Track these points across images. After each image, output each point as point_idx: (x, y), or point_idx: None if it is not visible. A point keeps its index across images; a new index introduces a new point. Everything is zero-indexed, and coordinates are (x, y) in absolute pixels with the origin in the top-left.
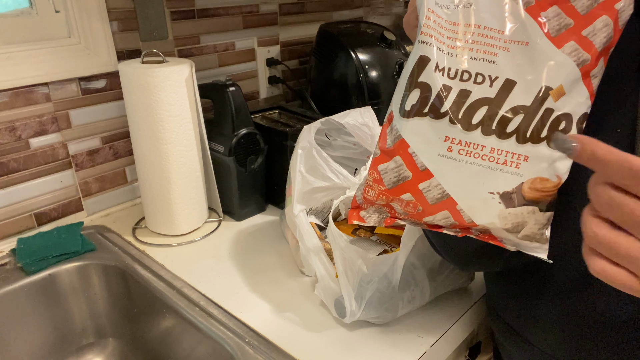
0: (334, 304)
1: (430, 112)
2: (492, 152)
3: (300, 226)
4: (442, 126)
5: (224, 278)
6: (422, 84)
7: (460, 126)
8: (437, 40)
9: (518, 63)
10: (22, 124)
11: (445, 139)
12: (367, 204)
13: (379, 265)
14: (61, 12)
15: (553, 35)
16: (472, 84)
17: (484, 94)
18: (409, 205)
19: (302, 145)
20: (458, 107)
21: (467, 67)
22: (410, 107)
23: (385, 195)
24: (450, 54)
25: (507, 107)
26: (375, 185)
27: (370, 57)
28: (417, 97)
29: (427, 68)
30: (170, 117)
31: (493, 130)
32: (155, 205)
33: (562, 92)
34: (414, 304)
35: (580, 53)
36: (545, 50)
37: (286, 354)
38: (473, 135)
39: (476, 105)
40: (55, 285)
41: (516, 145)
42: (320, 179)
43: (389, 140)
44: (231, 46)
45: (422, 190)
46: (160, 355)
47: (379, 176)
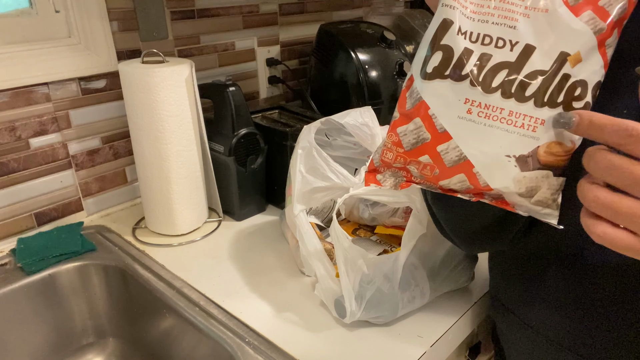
0: (334, 304)
1: (452, 74)
2: (511, 115)
3: (301, 226)
4: (462, 88)
5: (224, 278)
6: (444, 46)
7: (481, 89)
8: (460, 4)
9: (538, 29)
10: (22, 124)
11: (465, 101)
12: (384, 167)
13: (379, 265)
14: (61, 12)
15: (572, 3)
16: (493, 48)
17: (504, 58)
18: (426, 168)
19: (302, 145)
20: (479, 70)
21: (488, 32)
22: (432, 69)
23: (403, 158)
24: (472, 18)
25: (526, 71)
26: (393, 148)
27: (370, 57)
28: (439, 59)
29: (450, 31)
30: (170, 117)
31: (512, 94)
32: (155, 205)
33: (579, 59)
34: (414, 304)
35: (597, 22)
36: (564, 18)
37: (286, 354)
38: (492, 98)
39: (496, 68)
40: (55, 285)
41: (534, 109)
42: (320, 179)
43: (409, 103)
44: (231, 46)
45: (440, 152)
46: (160, 355)
47: (397, 138)
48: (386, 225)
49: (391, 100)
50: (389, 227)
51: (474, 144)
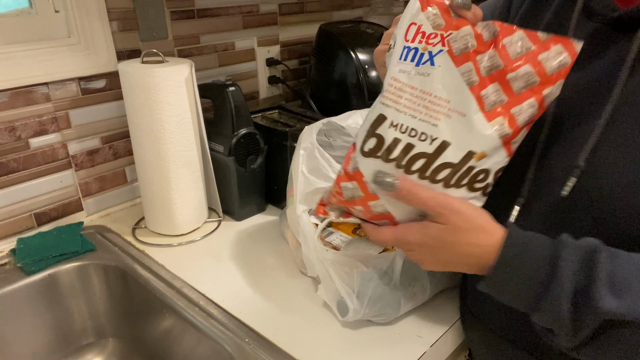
0: (337, 304)
1: (382, 156)
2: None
3: (303, 227)
4: (389, 168)
5: (223, 278)
6: (378, 135)
7: (403, 170)
8: (394, 102)
9: (455, 128)
10: (22, 124)
11: None
12: (329, 204)
13: (378, 263)
14: (61, 12)
15: (487, 109)
16: (417, 140)
17: (424, 149)
18: (360, 213)
19: (304, 146)
20: (403, 156)
21: (415, 126)
22: (368, 149)
23: (343, 204)
24: (404, 112)
25: (439, 162)
26: (337, 196)
27: (370, 57)
28: (374, 143)
29: (384, 124)
30: (170, 117)
31: (427, 177)
32: (155, 205)
33: (483, 155)
34: (415, 301)
35: (504, 128)
36: (477, 123)
37: (286, 354)
38: (411, 177)
39: (417, 157)
40: (55, 285)
41: (442, 189)
42: (322, 179)
43: (351, 165)
44: (231, 46)
45: (370, 206)
46: (160, 355)
47: (340, 190)
48: None
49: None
50: None
51: (394, 205)
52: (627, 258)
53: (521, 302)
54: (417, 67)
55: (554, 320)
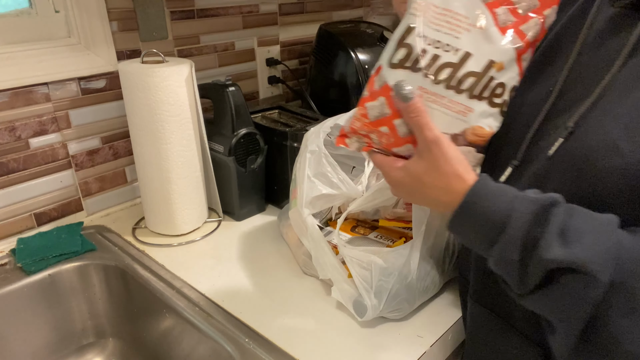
0: (353, 304)
1: (411, 66)
2: (450, 103)
3: (311, 231)
4: (417, 78)
5: (224, 278)
6: (407, 44)
7: (430, 80)
8: (422, 13)
9: (475, 41)
10: (22, 124)
11: (419, 88)
12: (352, 133)
13: (396, 259)
14: (61, 12)
15: (501, 25)
16: (442, 52)
17: (449, 60)
18: (384, 137)
19: (311, 149)
20: (430, 66)
21: (440, 38)
22: (397, 60)
23: (367, 127)
24: (429, 26)
25: (464, 70)
26: (361, 118)
27: (370, 57)
28: (402, 53)
29: (412, 34)
30: (170, 117)
31: (452, 86)
32: (155, 205)
33: (502, 67)
34: (427, 294)
35: (516, 40)
36: (494, 35)
37: (286, 354)
38: (438, 87)
39: (443, 66)
40: (55, 285)
41: (467, 99)
42: (328, 186)
43: (376, 84)
44: (231, 46)
45: (395, 125)
46: (160, 355)
47: (365, 111)
48: (388, 218)
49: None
50: (392, 219)
51: None
52: (585, 214)
53: (477, 247)
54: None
55: (505, 268)
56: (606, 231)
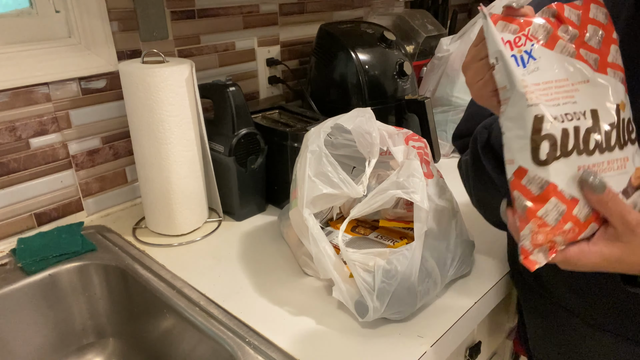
0: (355, 304)
1: (562, 154)
2: (609, 164)
3: (312, 231)
4: (573, 160)
5: (224, 278)
6: (546, 135)
7: (585, 154)
8: (538, 99)
9: (590, 95)
10: (22, 124)
11: (578, 168)
12: (535, 247)
13: (399, 260)
14: (61, 12)
15: (595, 68)
16: (576, 121)
17: (586, 125)
18: (569, 232)
19: (312, 149)
20: (577, 141)
21: (564, 111)
22: (545, 155)
23: (552, 234)
24: (549, 106)
25: (604, 128)
26: (541, 230)
27: (370, 57)
28: (547, 146)
29: (545, 123)
30: (170, 117)
31: (604, 148)
32: (156, 205)
33: (624, 105)
34: (428, 295)
35: (617, 74)
36: (599, 79)
37: (286, 354)
38: (595, 157)
39: (587, 134)
40: (55, 285)
41: (619, 152)
42: (329, 185)
43: (534, 189)
44: (231, 46)
45: (576, 215)
46: (161, 355)
47: (542, 221)
48: (389, 218)
49: (391, 101)
50: (392, 219)
51: None
52: None
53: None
54: (525, 68)
55: None
56: None
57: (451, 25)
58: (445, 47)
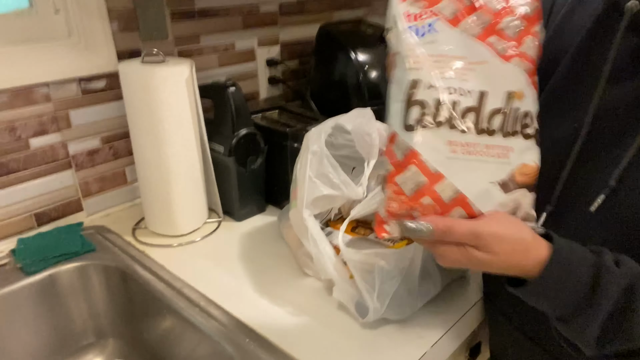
0: (355, 305)
1: (432, 123)
2: (487, 148)
3: (312, 231)
4: (443, 133)
5: (224, 278)
6: (419, 101)
7: (458, 130)
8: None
9: (484, 77)
10: (22, 124)
11: (448, 143)
12: (391, 217)
13: (399, 261)
14: (61, 12)
15: (501, 53)
16: (458, 96)
17: (468, 103)
18: (428, 209)
19: (313, 150)
20: (452, 115)
21: (450, 84)
22: (413, 121)
23: (407, 204)
24: (434, 77)
25: (488, 109)
26: (396, 197)
27: (370, 57)
28: (417, 112)
29: (420, 88)
30: (170, 117)
31: (483, 130)
32: (155, 205)
33: (522, 95)
34: (428, 296)
35: (524, 64)
36: (499, 65)
37: (286, 354)
38: (469, 136)
39: (465, 112)
40: (55, 286)
41: (502, 139)
42: (329, 186)
43: (398, 155)
44: (231, 46)
45: (437, 191)
46: (160, 355)
47: (398, 187)
48: None
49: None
50: None
51: (463, 178)
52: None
53: (552, 313)
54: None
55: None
56: None
57: None
58: None
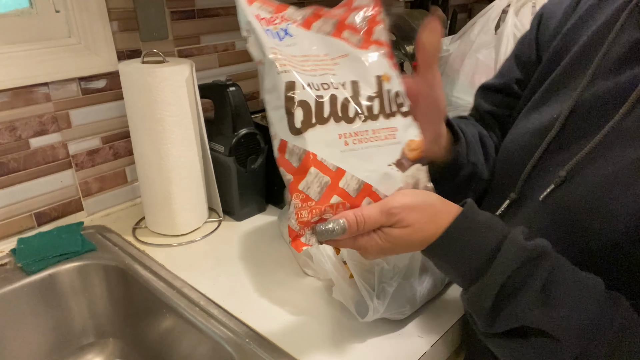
0: (355, 305)
1: (318, 121)
2: (374, 133)
3: None
4: (332, 128)
5: (224, 278)
6: (300, 102)
7: (344, 122)
8: (291, 66)
9: (350, 68)
10: (22, 124)
11: (339, 136)
12: (304, 227)
13: (399, 261)
14: (61, 12)
15: (357, 45)
16: (334, 90)
17: (345, 95)
18: (339, 208)
19: None
20: (334, 109)
21: (323, 80)
22: (300, 124)
23: (317, 209)
24: (304, 75)
25: (364, 97)
26: (304, 205)
27: None
28: (301, 113)
29: (297, 90)
30: (170, 117)
31: (367, 117)
32: (155, 205)
33: (388, 77)
34: (429, 295)
35: (379, 48)
36: (360, 55)
37: (286, 354)
38: (356, 125)
39: (345, 103)
40: (55, 285)
41: (385, 122)
42: None
43: (294, 161)
44: (231, 46)
45: (343, 187)
46: (161, 355)
47: (304, 195)
48: None
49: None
50: None
51: (363, 167)
52: (571, 273)
53: (454, 279)
54: (281, 41)
55: (475, 308)
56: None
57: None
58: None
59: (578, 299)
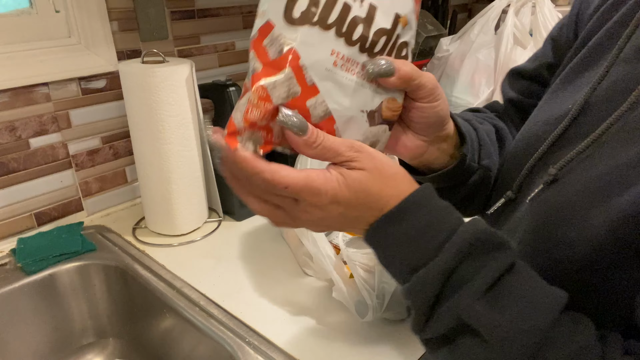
0: (355, 305)
1: (319, 22)
2: (364, 70)
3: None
4: (329, 38)
5: (224, 278)
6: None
7: (344, 40)
8: None
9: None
10: (22, 124)
11: (332, 52)
12: (247, 128)
13: None
14: (61, 12)
15: None
16: (351, 1)
17: (358, 13)
18: None
19: None
20: (342, 21)
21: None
22: (300, 13)
23: (270, 114)
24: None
25: (375, 28)
26: (261, 104)
27: None
28: (306, 3)
29: None
30: (170, 117)
31: (367, 48)
32: (155, 205)
33: (406, 22)
34: None
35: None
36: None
37: (286, 354)
38: (353, 50)
39: (354, 22)
40: (55, 285)
41: None
42: None
43: (272, 51)
44: (231, 46)
45: (309, 107)
46: (161, 355)
47: (265, 93)
48: None
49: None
50: None
51: (337, 98)
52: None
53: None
54: None
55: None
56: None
57: (451, 25)
58: (445, 47)
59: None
